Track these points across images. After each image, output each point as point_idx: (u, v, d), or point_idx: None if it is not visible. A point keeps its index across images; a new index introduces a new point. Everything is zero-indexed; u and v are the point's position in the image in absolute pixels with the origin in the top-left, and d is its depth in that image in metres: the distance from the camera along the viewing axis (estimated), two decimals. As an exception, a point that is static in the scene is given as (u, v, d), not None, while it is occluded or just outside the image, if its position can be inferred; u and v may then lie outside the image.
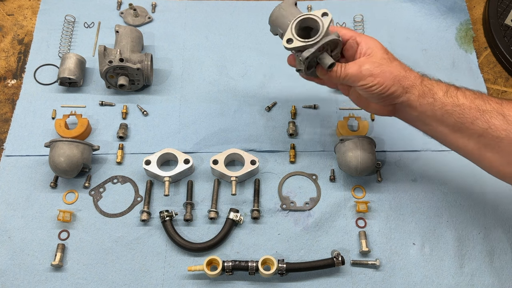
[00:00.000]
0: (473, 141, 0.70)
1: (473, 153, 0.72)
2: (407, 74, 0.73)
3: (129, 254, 0.88)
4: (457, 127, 0.71)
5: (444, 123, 0.72)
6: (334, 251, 0.86)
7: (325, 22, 0.71)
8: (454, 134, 0.72)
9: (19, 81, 1.08)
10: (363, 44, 0.75)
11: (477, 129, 0.69)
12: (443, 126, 0.73)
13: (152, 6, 1.20)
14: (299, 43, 0.72)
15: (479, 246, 0.90)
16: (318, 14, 0.72)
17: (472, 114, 0.69)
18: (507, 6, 1.17)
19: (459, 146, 0.74)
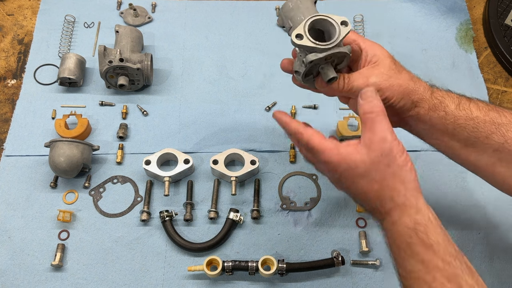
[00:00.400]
0: (487, 156, 0.65)
1: (485, 168, 0.67)
2: (416, 87, 0.66)
3: (129, 254, 0.88)
4: (470, 141, 0.65)
5: (456, 138, 0.66)
6: (334, 251, 0.86)
7: (342, 31, 0.63)
8: (466, 148, 0.67)
9: (19, 81, 1.08)
10: (369, 51, 0.67)
11: (492, 143, 0.64)
12: (454, 141, 0.67)
13: (152, 6, 1.20)
14: (309, 43, 0.63)
15: (479, 246, 0.90)
16: (337, 20, 0.64)
17: (487, 128, 0.64)
18: (507, 6, 1.17)
19: (470, 161, 0.68)
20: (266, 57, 1.13)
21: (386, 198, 0.59)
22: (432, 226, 0.58)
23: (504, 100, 1.09)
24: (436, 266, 0.55)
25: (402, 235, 0.58)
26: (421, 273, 0.56)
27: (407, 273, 0.58)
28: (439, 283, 0.54)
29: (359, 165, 0.59)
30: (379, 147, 0.59)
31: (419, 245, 0.57)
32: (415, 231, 0.57)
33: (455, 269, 0.55)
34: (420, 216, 0.58)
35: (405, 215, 0.58)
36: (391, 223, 0.59)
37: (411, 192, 0.59)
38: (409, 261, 0.58)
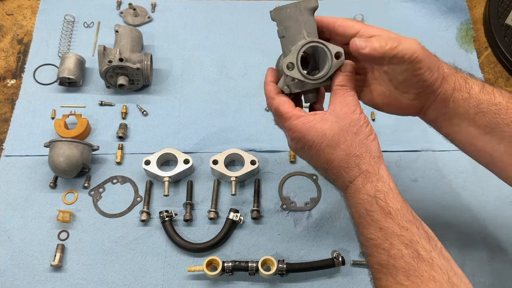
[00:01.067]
0: (504, 145, 0.63)
1: (501, 159, 0.64)
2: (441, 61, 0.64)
3: (128, 255, 0.88)
4: (490, 127, 0.63)
5: (476, 123, 0.64)
6: (335, 251, 0.86)
7: (334, 64, 0.62)
8: (484, 136, 0.64)
9: (18, 81, 1.08)
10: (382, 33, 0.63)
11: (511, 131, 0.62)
12: (474, 127, 0.64)
13: (151, 6, 1.20)
14: (299, 76, 0.62)
15: (480, 247, 0.89)
16: (332, 50, 0.62)
17: (509, 115, 0.62)
18: (507, 6, 1.17)
19: (486, 150, 0.65)
20: (266, 57, 1.12)
21: (352, 165, 0.61)
22: (392, 193, 0.59)
23: (505, 100, 1.08)
24: (393, 232, 0.56)
25: (363, 202, 0.60)
26: (380, 240, 0.57)
27: (367, 241, 0.59)
28: (397, 249, 0.55)
29: (326, 133, 0.61)
30: (349, 116, 0.61)
31: (378, 213, 0.58)
32: (375, 198, 0.59)
33: (412, 235, 0.56)
34: (381, 184, 0.59)
35: (367, 182, 0.60)
36: (355, 190, 0.61)
37: (375, 160, 0.61)
38: (368, 229, 0.59)
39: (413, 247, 0.55)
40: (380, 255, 0.57)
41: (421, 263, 0.54)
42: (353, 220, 0.63)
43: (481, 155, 0.67)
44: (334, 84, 0.64)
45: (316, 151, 0.62)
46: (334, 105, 0.62)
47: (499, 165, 0.65)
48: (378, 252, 0.57)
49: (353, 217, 0.63)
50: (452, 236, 0.90)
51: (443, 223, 0.92)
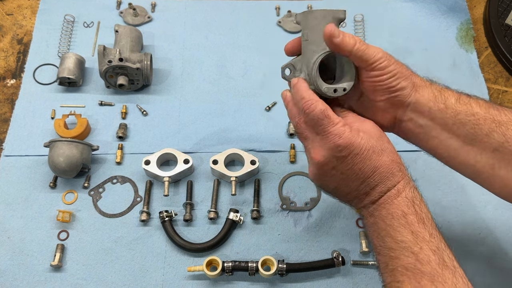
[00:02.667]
0: (486, 156, 0.63)
1: (484, 171, 0.64)
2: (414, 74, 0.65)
3: (128, 255, 0.87)
4: (470, 139, 0.63)
5: (455, 134, 0.64)
6: (335, 252, 0.86)
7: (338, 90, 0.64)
8: (465, 147, 0.64)
9: (18, 81, 1.08)
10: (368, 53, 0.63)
11: (492, 142, 0.61)
12: (454, 139, 0.64)
13: (151, 6, 1.19)
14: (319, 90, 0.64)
15: (480, 247, 0.89)
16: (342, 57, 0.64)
17: (488, 125, 0.61)
18: (507, 5, 1.17)
19: (469, 162, 0.65)
20: (266, 57, 1.12)
21: (396, 170, 0.62)
22: (423, 202, 0.62)
23: (505, 100, 1.08)
24: (424, 238, 0.58)
25: (401, 205, 0.60)
26: (410, 243, 0.58)
27: (396, 243, 0.59)
28: (425, 254, 0.57)
29: (372, 137, 0.61)
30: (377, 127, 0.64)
31: (413, 216, 0.59)
32: (412, 203, 0.60)
33: (439, 243, 0.58)
34: (417, 191, 0.62)
35: (407, 187, 0.61)
36: (395, 193, 0.61)
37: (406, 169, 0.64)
38: (400, 231, 0.59)
39: (440, 254, 0.56)
40: (407, 258, 0.58)
41: (445, 270, 0.56)
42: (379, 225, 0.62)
43: (464, 168, 0.67)
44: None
45: (362, 159, 0.60)
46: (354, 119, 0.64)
47: (483, 176, 0.65)
48: (406, 255, 0.58)
49: (383, 221, 0.62)
50: (452, 236, 0.90)
51: (443, 223, 0.92)
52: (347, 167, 0.61)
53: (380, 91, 0.64)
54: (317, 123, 0.61)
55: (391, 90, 0.64)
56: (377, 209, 0.62)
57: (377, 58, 0.61)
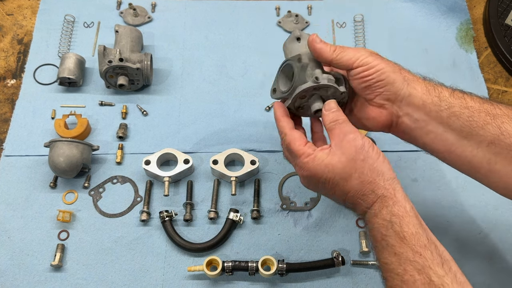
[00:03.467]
0: (482, 150, 0.63)
1: (481, 166, 0.64)
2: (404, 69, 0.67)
3: (128, 254, 0.88)
4: (465, 132, 0.63)
5: (451, 127, 0.64)
6: (334, 251, 0.86)
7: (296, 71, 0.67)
8: (461, 141, 0.64)
9: (18, 81, 1.08)
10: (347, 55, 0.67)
11: (487, 135, 0.61)
12: (449, 132, 0.64)
13: (151, 6, 1.20)
14: (280, 94, 0.71)
15: (480, 247, 0.89)
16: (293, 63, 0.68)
17: (482, 118, 0.61)
18: (507, 6, 1.17)
19: (466, 156, 0.64)
20: (266, 57, 1.12)
21: (367, 192, 0.61)
22: (407, 217, 0.59)
23: (505, 100, 1.09)
24: (407, 258, 0.57)
25: (379, 227, 0.60)
26: (393, 265, 0.58)
27: (383, 265, 0.60)
28: (410, 275, 0.56)
29: (336, 167, 0.62)
30: (352, 144, 0.62)
31: (393, 238, 0.58)
32: (391, 223, 0.59)
33: (425, 261, 0.56)
34: (397, 208, 0.60)
35: (384, 207, 0.60)
36: (372, 215, 0.61)
37: (389, 182, 0.61)
38: (383, 254, 0.59)
39: (426, 273, 0.55)
40: (394, 280, 0.58)
41: None
42: (372, 246, 0.64)
43: (461, 163, 0.66)
44: (326, 123, 0.66)
45: (331, 186, 0.63)
46: (334, 139, 0.64)
47: (481, 172, 0.65)
48: (392, 277, 0.58)
49: (371, 242, 0.63)
50: (452, 236, 0.90)
51: (443, 223, 0.92)
52: (323, 190, 0.66)
53: (371, 88, 0.66)
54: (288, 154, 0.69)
55: (381, 85, 0.65)
56: (368, 227, 0.64)
57: (358, 56, 0.65)
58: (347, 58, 0.65)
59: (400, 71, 0.66)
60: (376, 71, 0.64)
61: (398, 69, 0.66)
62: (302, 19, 1.17)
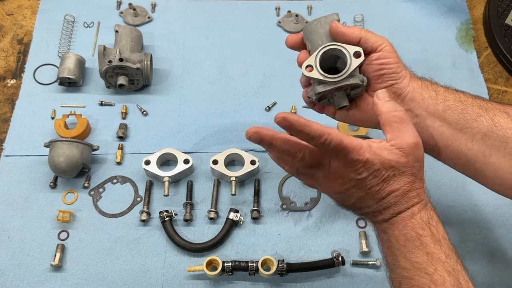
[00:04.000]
0: (477, 142, 0.64)
1: (476, 158, 0.65)
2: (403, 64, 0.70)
3: (128, 254, 0.88)
4: (460, 125, 0.65)
5: (446, 121, 0.66)
6: (334, 252, 0.86)
7: (353, 63, 0.64)
8: (456, 135, 0.65)
9: (18, 81, 1.08)
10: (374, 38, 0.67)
11: (481, 127, 0.63)
12: (445, 126, 0.66)
13: (151, 6, 1.20)
14: (318, 75, 0.65)
15: (480, 247, 0.89)
16: (350, 51, 0.65)
17: (475, 111, 0.64)
18: (507, 6, 1.17)
19: (461, 150, 0.66)
20: (266, 57, 1.12)
21: (413, 195, 0.61)
22: (440, 223, 0.61)
23: (505, 100, 1.09)
24: (439, 259, 0.57)
25: (415, 227, 0.60)
26: (425, 264, 0.58)
27: (411, 264, 0.59)
28: (439, 275, 0.56)
29: (393, 166, 0.59)
30: (415, 153, 0.60)
31: (429, 238, 0.59)
32: (428, 224, 0.60)
33: (455, 264, 0.57)
34: (434, 213, 0.62)
35: (423, 209, 0.61)
36: (410, 215, 0.61)
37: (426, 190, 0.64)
38: (415, 252, 0.59)
39: (455, 276, 0.56)
40: (422, 278, 0.58)
41: None
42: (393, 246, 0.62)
43: (456, 157, 0.67)
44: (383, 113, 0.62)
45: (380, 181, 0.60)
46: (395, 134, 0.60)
47: (475, 165, 0.66)
48: (420, 275, 0.58)
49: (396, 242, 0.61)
50: (452, 236, 0.89)
51: (443, 223, 0.92)
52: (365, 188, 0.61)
53: (384, 77, 0.67)
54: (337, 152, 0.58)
55: (395, 77, 0.66)
56: (390, 228, 0.62)
57: (382, 41, 0.66)
58: (373, 40, 0.66)
59: (405, 68, 0.68)
60: (395, 62, 0.66)
61: (404, 66, 0.68)
62: (302, 19, 1.17)
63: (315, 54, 0.66)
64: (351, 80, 0.65)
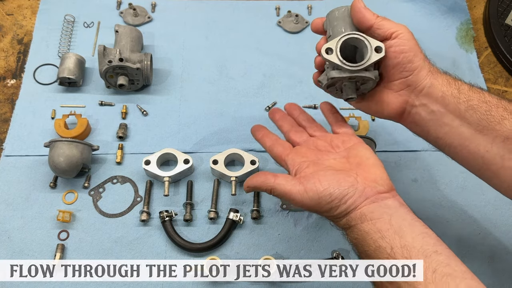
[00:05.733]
0: (497, 145, 0.62)
1: (493, 162, 0.63)
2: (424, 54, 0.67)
3: (128, 255, 0.88)
4: (482, 126, 0.62)
5: (467, 121, 0.63)
6: (334, 252, 0.86)
7: (373, 57, 0.64)
8: (476, 136, 0.63)
9: (18, 81, 1.08)
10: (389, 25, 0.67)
11: (504, 130, 0.61)
12: (465, 126, 0.63)
13: (152, 6, 1.20)
14: (337, 60, 0.65)
15: (480, 247, 0.89)
16: (373, 44, 0.65)
17: (500, 113, 0.61)
18: (507, 6, 1.17)
19: (479, 151, 0.64)
20: (266, 57, 1.12)
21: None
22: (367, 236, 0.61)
23: (505, 100, 1.09)
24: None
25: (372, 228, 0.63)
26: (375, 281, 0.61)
27: None
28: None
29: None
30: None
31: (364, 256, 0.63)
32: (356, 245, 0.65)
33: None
34: (355, 233, 0.64)
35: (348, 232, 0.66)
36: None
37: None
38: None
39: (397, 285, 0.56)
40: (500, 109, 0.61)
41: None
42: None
43: (473, 158, 0.65)
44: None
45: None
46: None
47: (492, 168, 0.64)
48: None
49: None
50: (452, 236, 0.90)
51: (443, 223, 0.92)
52: None
53: (398, 67, 0.65)
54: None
55: (410, 68, 0.64)
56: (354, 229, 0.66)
57: (399, 28, 0.64)
58: (388, 27, 0.64)
59: (425, 59, 0.65)
60: (411, 51, 0.64)
61: (424, 57, 0.66)
62: (302, 19, 1.17)
63: (338, 38, 0.65)
64: (366, 73, 0.65)
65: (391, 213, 0.59)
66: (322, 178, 0.63)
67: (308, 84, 0.90)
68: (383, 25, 0.65)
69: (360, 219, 0.61)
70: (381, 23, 0.65)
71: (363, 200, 0.61)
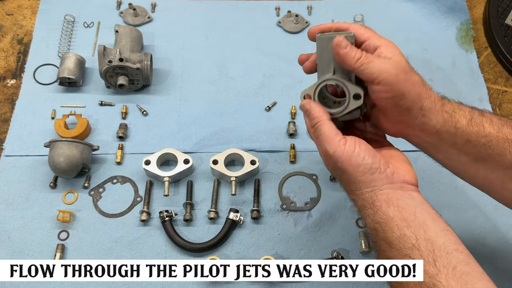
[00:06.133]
0: (497, 173, 0.62)
1: (493, 185, 0.64)
2: (428, 93, 0.62)
3: (129, 254, 0.88)
4: (481, 157, 0.62)
5: (466, 153, 0.63)
6: (334, 251, 0.86)
7: (351, 105, 0.64)
8: (475, 163, 0.63)
9: (18, 81, 1.08)
10: (383, 48, 0.61)
11: (504, 161, 0.60)
12: (462, 155, 0.63)
13: (151, 6, 1.20)
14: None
15: (479, 246, 0.90)
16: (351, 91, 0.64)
17: (500, 146, 0.60)
18: (507, 5, 1.17)
19: (478, 176, 0.64)
20: (266, 57, 1.12)
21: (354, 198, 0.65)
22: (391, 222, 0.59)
23: (505, 100, 1.09)
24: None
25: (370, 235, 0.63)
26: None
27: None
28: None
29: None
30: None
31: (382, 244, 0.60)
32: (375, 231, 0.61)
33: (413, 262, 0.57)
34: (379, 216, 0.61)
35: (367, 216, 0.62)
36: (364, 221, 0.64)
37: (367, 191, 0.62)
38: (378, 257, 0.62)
39: None
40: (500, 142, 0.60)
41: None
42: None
43: (473, 181, 0.67)
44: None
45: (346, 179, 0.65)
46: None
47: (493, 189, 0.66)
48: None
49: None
50: (452, 236, 0.90)
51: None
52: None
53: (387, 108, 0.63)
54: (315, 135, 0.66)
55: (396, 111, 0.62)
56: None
57: (381, 72, 0.59)
58: (369, 72, 0.60)
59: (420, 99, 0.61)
60: (396, 96, 0.60)
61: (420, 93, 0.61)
62: (302, 19, 1.17)
63: (316, 85, 0.66)
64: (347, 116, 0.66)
65: (416, 205, 0.59)
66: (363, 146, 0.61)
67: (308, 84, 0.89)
68: (364, 69, 0.60)
69: (386, 202, 0.59)
70: (361, 69, 0.60)
71: (389, 183, 0.60)
